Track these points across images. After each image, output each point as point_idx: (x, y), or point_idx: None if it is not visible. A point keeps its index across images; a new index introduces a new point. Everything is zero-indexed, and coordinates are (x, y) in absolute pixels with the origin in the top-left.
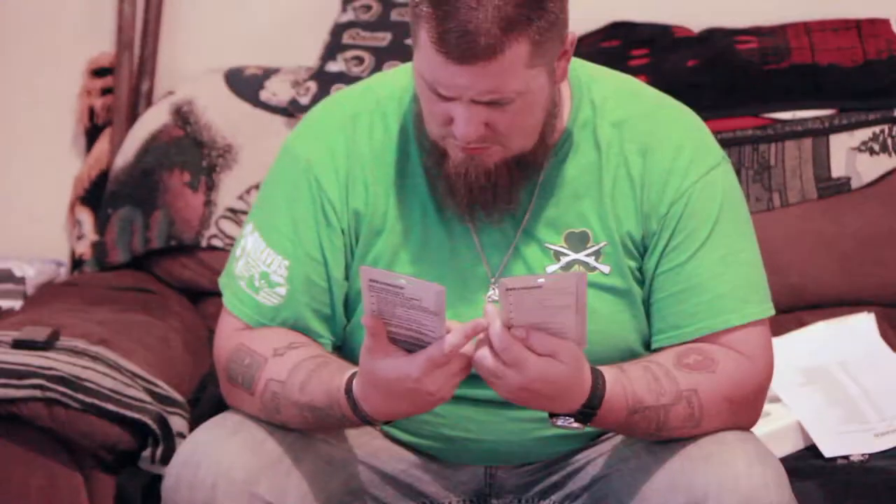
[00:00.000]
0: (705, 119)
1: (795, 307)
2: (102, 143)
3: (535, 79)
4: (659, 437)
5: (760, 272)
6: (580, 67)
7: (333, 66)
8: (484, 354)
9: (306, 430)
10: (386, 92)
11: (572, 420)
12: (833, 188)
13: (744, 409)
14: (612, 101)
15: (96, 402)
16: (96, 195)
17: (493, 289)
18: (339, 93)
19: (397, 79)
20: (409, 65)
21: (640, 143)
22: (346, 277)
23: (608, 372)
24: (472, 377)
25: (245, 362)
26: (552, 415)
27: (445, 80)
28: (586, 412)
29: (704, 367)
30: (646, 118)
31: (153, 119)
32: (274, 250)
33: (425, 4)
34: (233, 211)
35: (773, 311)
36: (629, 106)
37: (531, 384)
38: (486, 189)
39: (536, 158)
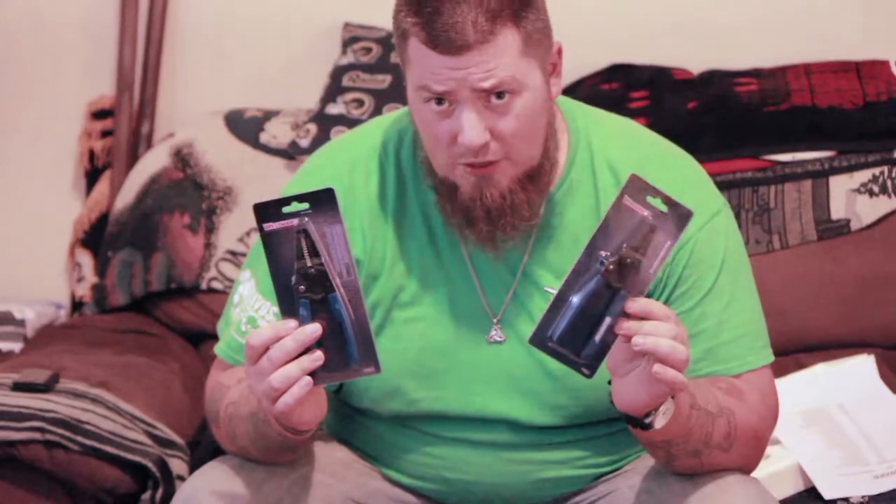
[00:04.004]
0: (705, 161)
1: (795, 349)
2: (102, 186)
3: (529, 73)
4: (699, 457)
5: (761, 318)
6: (578, 111)
7: (333, 109)
8: (667, 326)
9: (263, 458)
10: (383, 137)
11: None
12: (833, 230)
13: (760, 446)
14: (610, 144)
15: (96, 444)
16: (96, 237)
17: (496, 329)
18: (336, 140)
19: (394, 123)
20: (406, 109)
21: None
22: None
23: None
24: (471, 420)
25: (215, 397)
26: (643, 425)
27: (443, 75)
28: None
29: (735, 395)
30: (644, 163)
31: (153, 161)
32: (262, 296)
33: (409, 15)
34: (233, 253)
35: (772, 358)
36: (627, 150)
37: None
38: (503, 210)
39: (544, 173)
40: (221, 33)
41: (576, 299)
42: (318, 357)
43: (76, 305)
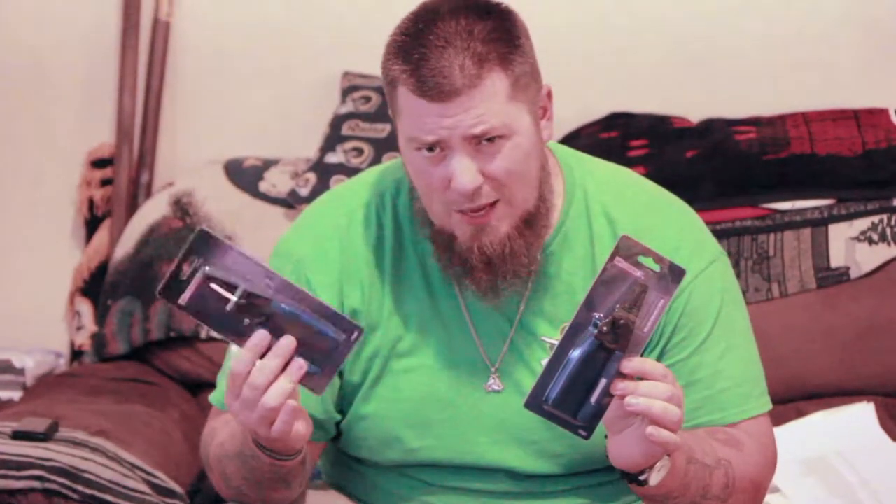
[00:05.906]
0: (704, 209)
1: (794, 397)
2: (102, 234)
3: (518, 116)
4: None
5: (759, 366)
6: (573, 159)
7: (333, 158)
8: (663, 387)
9: (259, 497)
10: (380, 186)
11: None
12: (832, 278)
13: (759, 496)
14: (605, 193)
15: (96, 493)
16: (96, 286)
17: (494, 378)
18: (333, 191)
19: (392, 172)
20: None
21: None
22: (340, 375)
23: None
24: (470, 469)
25: (206, 442)
26: (639, 481)
27: (432, 124)
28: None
29: (733, 446)
30: (639, 211)
31: (153, 210)
32: None
33: (396, 63)
34: None
35: (770, 406)
36: (624, 199)
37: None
38: (503, 257)
39: (540, 217)
40: (221, 82)
41: (571, 361)
42: (301, 365)
43: (75, 354)
